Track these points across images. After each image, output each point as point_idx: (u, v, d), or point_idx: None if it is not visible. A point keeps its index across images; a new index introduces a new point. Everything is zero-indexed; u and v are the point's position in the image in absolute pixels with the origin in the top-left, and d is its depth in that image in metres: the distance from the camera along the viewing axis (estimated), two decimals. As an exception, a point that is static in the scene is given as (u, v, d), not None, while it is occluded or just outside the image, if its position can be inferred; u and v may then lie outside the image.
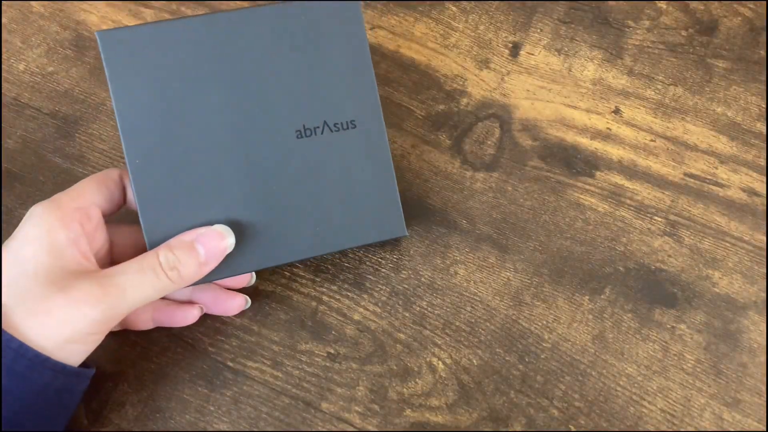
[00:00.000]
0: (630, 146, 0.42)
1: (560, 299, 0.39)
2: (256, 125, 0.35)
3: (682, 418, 0.36)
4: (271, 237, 0.34)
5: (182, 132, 0.34)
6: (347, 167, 0.35)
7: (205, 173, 0.34)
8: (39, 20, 0.45)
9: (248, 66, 0.34)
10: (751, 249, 0.39)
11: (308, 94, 0.35)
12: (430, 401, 0.37)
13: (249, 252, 0.34)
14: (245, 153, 0.34)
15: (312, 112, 0.35)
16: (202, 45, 0.34)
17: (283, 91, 0.35)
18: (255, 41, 0.35)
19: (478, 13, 0.45)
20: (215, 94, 0.34)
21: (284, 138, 0.35)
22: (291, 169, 0.35)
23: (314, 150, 0.35)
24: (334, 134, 0.35)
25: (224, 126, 0.34)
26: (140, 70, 0.33)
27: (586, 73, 0.43)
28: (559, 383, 0.37)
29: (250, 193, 0.34)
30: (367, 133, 0.36)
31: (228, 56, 0.34)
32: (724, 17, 0.44)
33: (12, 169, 0.41)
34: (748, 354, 0.37)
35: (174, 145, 0.34)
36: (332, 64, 0.35)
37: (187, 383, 0.37)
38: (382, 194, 0.36)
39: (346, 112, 0.36)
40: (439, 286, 0.39)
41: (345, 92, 0.36)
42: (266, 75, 0.35)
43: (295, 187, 0.35)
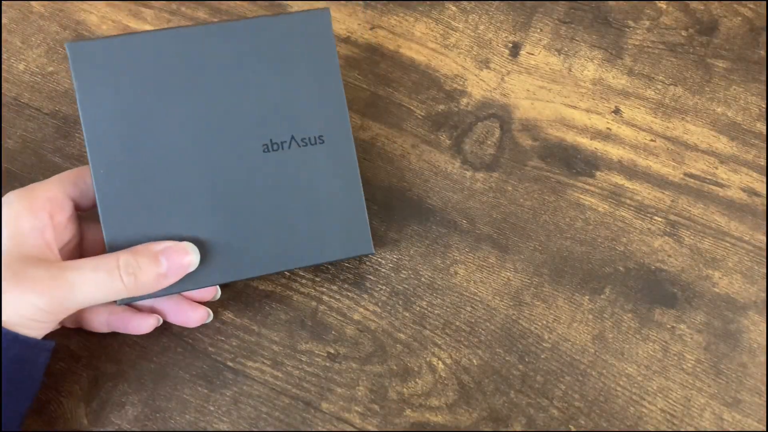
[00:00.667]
0: (630, 146, 0.42)
1: (560, 299, 0.39)
2: (223, 138, 0.35)
3: (682, 418, 0.36)
4: (234, 251, 0.34)
5: (148, 143, 0.34)
6: (314, 183, 0.35)
7: (170, 185, 0.34)
8: (39, 20, 0.45)
9: (217, 79, 0.35)
10: (751, 249, 0.39)
11: (276, 108, 0.35)
12: (430, 401, 0.37)
13: (211, 265, 0.34)
14: (211, 166, 0.34)
15: (280, 126, 0.35)
16: (171, 58, 0.34)
17: (250, 104, 0.35)
18: (225, 55, 0.35)
19: (478, 13, 0.45)
20: (183, 106, 0.34)
21: (250, 152, 0.35)
22: (257, 183, 0.35)
23: (281, 164, 0.35)
24: (302, 149, 0.35)
25: (190, 138, 0.34)
26: (109, 81, 0.34)
27: (586, 73, 0.43)
28: (559, 383, 0.37)
29: (215, 207, 0.34)
30: (335, 149, 0.36)
31: (197, 69, 0.35)
32: (724, 17, 0.44)
33: (12, 169, 0.41)
34: (748, 354, 0.37)
35: (139, 156, 0.34)
36: (301, 78, 0.35)
37: (187, 383, 0.37)
38: (349, 211, 0.36)
39: (314, 127, 0.35)
40: (439, 286, 0.39)
41: (313, 107, 0.36)
42: (234, 88, 0.35)
43: (261, 202, 0.35)
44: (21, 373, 0.32)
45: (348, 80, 0.43)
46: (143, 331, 0.36)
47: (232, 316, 0.38)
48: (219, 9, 0.45)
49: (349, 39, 0.44)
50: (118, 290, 0.32)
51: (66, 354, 0.37)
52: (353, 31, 0.45)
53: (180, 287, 0.34)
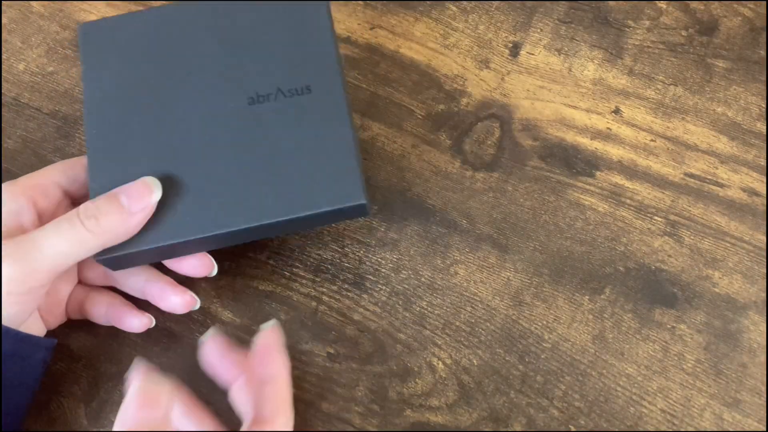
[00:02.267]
0: (630, 146, 0.42)
1: (560, 299, 0.39)
2: (211, 94, 0.35)
3: (682, 418, 0.36)
4: (218, 203, 0.34)
5: (139, 105, 0.35)
6: (302, 133, 0.34)
7: (157, 141, 0.35)
8: (39, 20, 0.45)
9: (208, 45, 0.36)
10: (751, 249, 0.39)
11: (263, 62, 0.35)
12: (430, 401, 0.37)
13: (193, 216, 0.34)
14: (198, 121, 0.35)
15: (265, 79, 0.35)
16: (169, 31, 0.36)
17: (237, 62, 0.36)
18: (220, 26, 0.36)
19: (478, 13, 0.45)
20: (175, 71, 0.36)
21: (236, 105, 0.35)
22: (243, 136, 0.34)
23: (267, 117, 0.35)
24: (288, 100, 0.35)
25: (180, 98, 0.35)
26: (110, 53, 0.36)
27: (586, 73, 0.43)
28: (559, 383, 0.37)
29: (200, 159, 0.34)
30: (324, 98, 0.35)
31: (191, 39, 0.36)
32: (724, 17, 0.44)
33: (12, 169, 0.41)
34: (748, 354, 0.37)
35: (130, 116, 0.35)
36: (289, 32, 0.36)
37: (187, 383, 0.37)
38: (339, 161, 0.34)
39: (301, 77, 0.35)
40: (439, 286, 0.39)
41: (300, 57, 0.35)
42: (224, 49, 0.36)
43: (246, 154, 0.34)
44: (15, 369, 0.32)
45: (348, 80, 0.43)
46: (135, 329, 0.36)
47: (232, 316, 0.38)
48: (219, 9, 0.45)
49: (349, 39, 0.44)
50: (84, 238, 0.31)
51: (66, 354, 0.37)
52: (353, 31, 0.45)
53: (155, 238, 0.33)
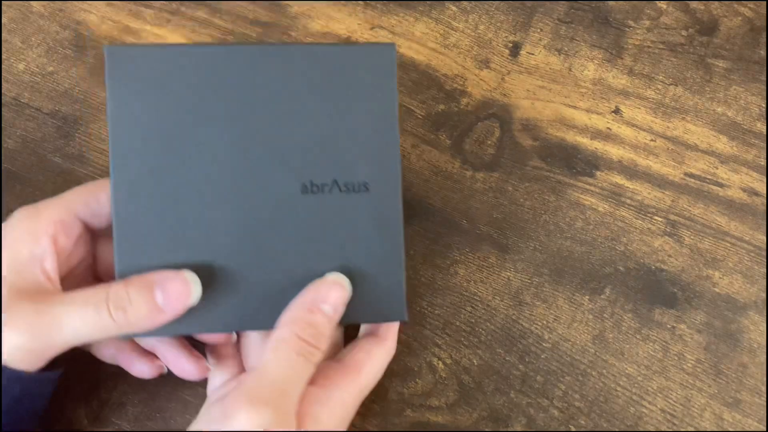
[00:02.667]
0: (630, 146, 0.42)
1: (560, 299, 0.39)
2: (259, 171, 0.31)
3: (682, 418, 0.36)
4: (253, 297, 0.31)
5: (178, 164, 0.31)
6: (351, 234, 0.32)
7: (195, 213, 0.31)
8: (39, 20, 0.45)
9: (261, 105, 0.31)
10: (751, 249, 0.39)
11: (322, 146, 0.32)
12: (430, 401, 0.37)
13: (225, 309, 0.31)
14: (242, 200, 0.31)
15: (323, 166, 0.32)
16: (214, 76, 0.31)
17: (294, 138, 0.32)
18: (273, 80, 0.32)
19: (478, 13, 0.45)
20: (220, 130, 0.31)
21: (288, 191, 0.31)
22: (289, 226, 0.31)
23: (319, 210, 0.32)
24: (343, 195, 0.32)
25: (224, 166, 0.31)
26: (144, 92, 0.31)
27: (586, 73, 0.43)
28: (559, 383, 0.37)
29: (239, 245, 0.31)
30: (380, 199, 0.32)
31: (241, 92, 0.31)
32: (724, 17, 0.44)
33: (12, 169, 0.41)
34: (748, 354, 0.37)
35: (166, 177, 0.31)
36: (353, 117, 0.32)
37: (187, 383, 0.37)
38: (386, 271, 0.32)
39: (360, 172, 0.32)
40: (439, 286, 0.39)
41: (362, 150, 0.32)
42: (279, 118, 0.32)
43: (290, 248, 0.31)
44: (20, 408, 0.30)
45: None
46: (145, 376, 0.34)
47: (232, 316, 0.38)
48: (219, 9, 0.45)
49: (349, 39, 0.44)
50: (107, 327, 0.29)
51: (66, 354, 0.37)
52: (353, 31, 0.45)
53: (184, 328, 0.31)
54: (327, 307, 0.30)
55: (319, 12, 0.45)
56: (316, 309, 0.30)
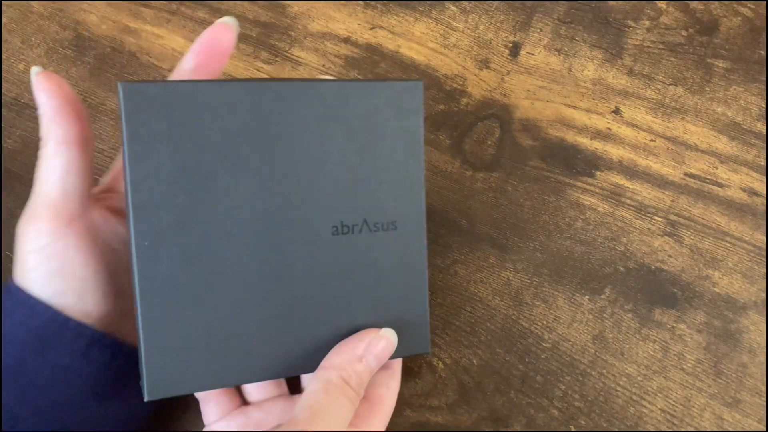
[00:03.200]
0: (630, 146, 0.42)
1: (560, 299, 0.39)
2: (289, 215, 0.30)
3: (682, 418, 0.36)
4: (290, 343, 0.31)
5: (202, 212, 0.29)
6: (380, 272, 0.32)
7: (223, 264, 0.29)
8: (39, 20, 0.45)
9: (288, 146, 0.30)
10: (751, 249, 0.39)
11: (349, 185, 0.31)
12: (430, 401, 0.37)
13: (265, 357, 0.30)
14: (272, 245, 0.30)
15: (352, 206, 0.31)
16: (238, 115, 0.29)
17: (322, 179, 0.30)
18: (299, 119, 0.30)
19: (478, 13, 0.45)
20: (246, 171, 0.29)
21: (318, 233, 0.31)
22: (321, 269, 0.31)
23: (349, 250, 0.31)
24: (373, 234, 0.31)
25: (251, 210, 0.29)
26: (165, 134, 0.28)
27: (586, 73, 0.43)
28: (559, 383, 0.37)
29: (271, 292, 0.30)
30: (406, 237, 0.32)
31: (267, 131, 0.29)
32: (724, 17, 0.44)
33: (12, 169, 0.41)
34: (748, 354, 0.37)
35: (191, 229, 0.29)
36: (380, 154, 0.31)
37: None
38: (411, 305, 0.32)
39: (389, 211, 0.32)
40: (439, 286, 0.39)
41: (390, 188, 0.32)
42: (305, 158, 0.30)
43: (323, 290, 0.31)
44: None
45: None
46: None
47: (232, 316, 0.38)
48: (219, 9, 0.45)
49: (349, 39, 0.44)
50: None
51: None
52: (353, 31, 0.45)
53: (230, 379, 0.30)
54: (372, 359, 0.31)
55: (319, 12, 0.45)
56: (365, 360, 0.30)
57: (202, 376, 0.29)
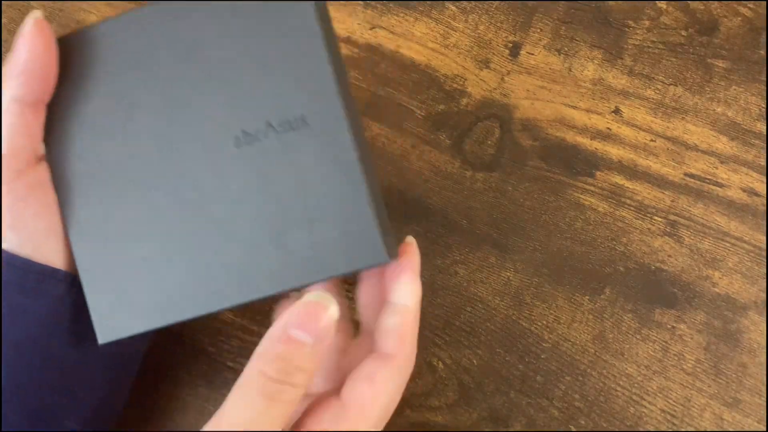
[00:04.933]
0: (630, 146, 0.42)
1: (560, 299, 0.39)
2: (189, 137, 0.29)
3: (682, 418, 0.36)
4: (223, 274, 0.29)
5: (113, 155, 0.29)
6: (302, 177, 0.28)
7: (143, 205, 0.29)
8: (39, 20, 0.45)
9: (179, 72, 0.29)
10: (751, 249, 0.39)
11: (247, 92, 0.28)
12: (430, 401, 0.37)
13: (197, 291, 0.29)
14: (181, 173, 0.29)
15: (252, 112, 0.28)
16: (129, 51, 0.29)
17: (217, 93, 0.29)
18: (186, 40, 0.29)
19: (478, 13, 0.45)
20: (144, 111, 0.29)
21: (222, 150, 0.28)
22: (234, 188, 0.28)
23: (259, 160, 0.28)
24: (282, 136, 0.28)
25: (158, 145, 0.29)
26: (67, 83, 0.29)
27: (586, 73, 0.43)
28: (559, 383, 0.37)
29: (194, 224, 0.29)
30: (323, 132, 0.28)
31: (159, 57, 0.29)
32: (724, 17, 0.44)
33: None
34: (748, 354, 0.37)
35: (106, 172, 0.29)
36: (278, 53, 0.28)
37: (187, 383, 0.37)
38: (350, 210, 0.28)
39: (294, 107, 0.28)
40: (439, 286, 0.39)
41: (291, 84, 0.28)
42: (199, 78, 0.29)
43: (243, 212, 0.28)
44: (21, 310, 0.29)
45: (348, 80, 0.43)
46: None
47: (232, 316, 0.38)
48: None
49: (349, 39, 0.44)
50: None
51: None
52: (353, 31, 0.45)
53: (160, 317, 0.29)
54: (300, 333, 0.25)
55: (319, 12, 0.45)
56: (285, 338, 0.25)
57: (149, 314, 0.29)
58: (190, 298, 0.29)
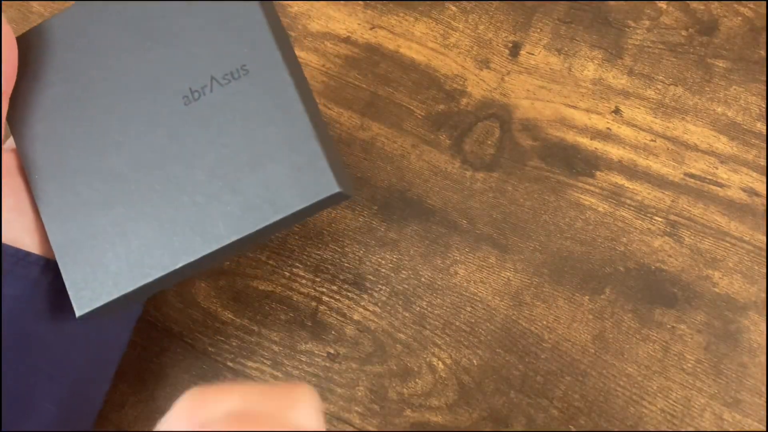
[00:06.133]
0: (630, 146, 0.42)
1: (560, 299, 0.39)
2: (141, 103, 0.31)
3: (682, 418, 0.36)
4: (183, 227, 0.30)
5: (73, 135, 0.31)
6: (250, 124, 0.30)
7: (103, 173, 0.31)
8: (39, 20, 0.45)
9: (126, 44, 0.31)
10: (751, 249, 0.39)
11: (190, 53, 0.31)
12: (430, 401, 0.37)
13: (163, 249, 0.30)
14: (138, 139, 0.31)
15: (196, 70, 0.30)
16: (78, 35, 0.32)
17: (161, 58, 0.31)
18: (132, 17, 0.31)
19: (478, 13, 0.45)
20: (97, 84, 0.31)
21: (172, 109, 0.30)
22: (187, 144, 0.30)
23: (208, 113, 0.30)
24: (226, 87, 0.30)
25: (112, 115, 0.31)
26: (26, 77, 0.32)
27: (586, 73, 0.43)
28: (559, 383, 0.37)
29: (152, 184, 0.30)
30: (264, 77, 0.30)
31: (105, 39, 0.32)
32: (724, 17, 0.44)
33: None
34: (748, 354, 0.37)
35: (67, 151, 0.31)
36: (214, 15, 0.31)
37: (187, 383, 0.37)
38: (298, 147, 0.29)
39: (234, 58, 0.30)
40: (439, 286, 0.39)
41: (229, 38, 0.30)
42: (144, 48, 0.31)
43: (197, 165, 0.30)
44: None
45: (348, 80, 0.43)
46: None
47: (231, 316, 0.38)
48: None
49: (349, 39, 0.44)
50: None
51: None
52: (353, 31, 0.45)
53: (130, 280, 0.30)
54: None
55: (319, 12, 0.45)
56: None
57: (120, 279, 0.30)
58: (157, 257, 0.30)
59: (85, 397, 0.32)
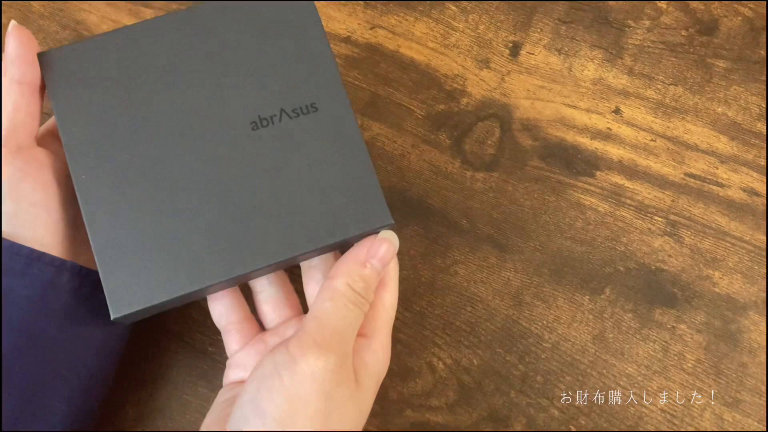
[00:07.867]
0: (630, 146, 0.42)
1: (560, 299, 0.39)
2: (207, 124, 0.32)
3: (682, 418, 0.36)
4: (238, 243, 0.31)
5: (131, 143, 0.32)
6: (314, 155, 0.32)
7: (158, 183, 0.32)
8: (39, 20, 0.45)
9: (195, 66, 0.33)
10: (751, 249, 0.39)
11: (261, 83, 0.33)
12: (430, 401, 0.37)
13: (217, 261, 0.31)
14: (200, 153, 0.32)
15: (267, 101, 0.33)
16: (145, 53, 0.33)
17: (233, 84, 0.33)
18: (200, 40, 0.33)
19: (478, 13, 0.45)
20: (162, 100, 0.32)
21: (239, 133, 0.32)
22: (250, 165, 0.32)
23: (274, 141, 0.32)
24: (294, 120, 0.32)
25: (175, 130, 0.32)
26: (82, 85, 0.32)
27: (586, 73, 0.43)
28: (559, 383, 0.37)
29: (209, 198, 0.32)
30: (331, 116, 0.33)
31: (172, 60, 0.33)
32: (724, 17, 0.44)
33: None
34: (748, 354, 0.37)
35: (122, 157, 0.32)
36: (286, 51, 0.33)
37: (187, 383, 0.37)
38: (357, 181, 0.32)
39: (305, 95, 0.33)
40: (439, 286, 0.39)
41: (302, 76, 0.33)
42: (214, 72, 0.33)
43: (258, 185, 0.32)
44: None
45: (348, 80, 0.43)
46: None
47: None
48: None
49: (349, 39, 0.44)
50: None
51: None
52: (353, 30, 0.45)
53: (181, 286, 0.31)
54: (376, 262, 0.31)
55: (319, 12, 0.45)
56: (367, 264, 0.31)
57: (160, 286, 0.30)
58: (207, 268, 0.31)
59: (94, 392, 0.32)
